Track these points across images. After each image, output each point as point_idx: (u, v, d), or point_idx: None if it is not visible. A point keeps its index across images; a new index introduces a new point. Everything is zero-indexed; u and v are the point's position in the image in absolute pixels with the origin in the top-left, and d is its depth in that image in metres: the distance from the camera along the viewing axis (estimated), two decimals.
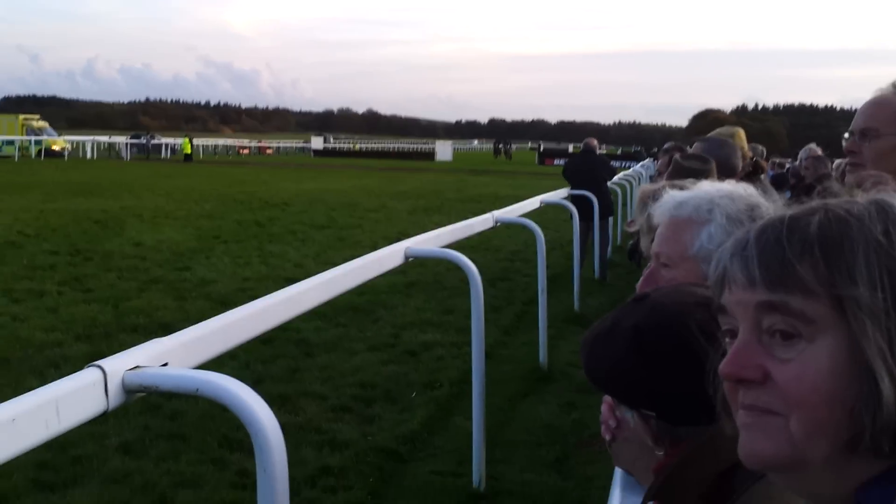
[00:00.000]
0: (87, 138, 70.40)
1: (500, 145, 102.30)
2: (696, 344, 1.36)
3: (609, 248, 13.87)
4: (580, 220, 10.40)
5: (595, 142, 14.41)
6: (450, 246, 5.91)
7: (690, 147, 6.08)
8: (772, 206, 1.93)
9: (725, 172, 4.29)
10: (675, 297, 1.54)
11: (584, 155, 13.81)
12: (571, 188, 12.52)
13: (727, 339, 1.02)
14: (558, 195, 11.42)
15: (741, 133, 5.55)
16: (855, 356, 0.90)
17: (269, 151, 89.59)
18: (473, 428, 5.20)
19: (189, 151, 63.74)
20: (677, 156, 4.55)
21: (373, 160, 72.25)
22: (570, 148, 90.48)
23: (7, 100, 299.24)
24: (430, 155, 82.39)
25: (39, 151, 58.16)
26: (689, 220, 2.06)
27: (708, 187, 2.11)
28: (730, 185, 2.10)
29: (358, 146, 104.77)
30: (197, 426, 6.09)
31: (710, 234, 2.01)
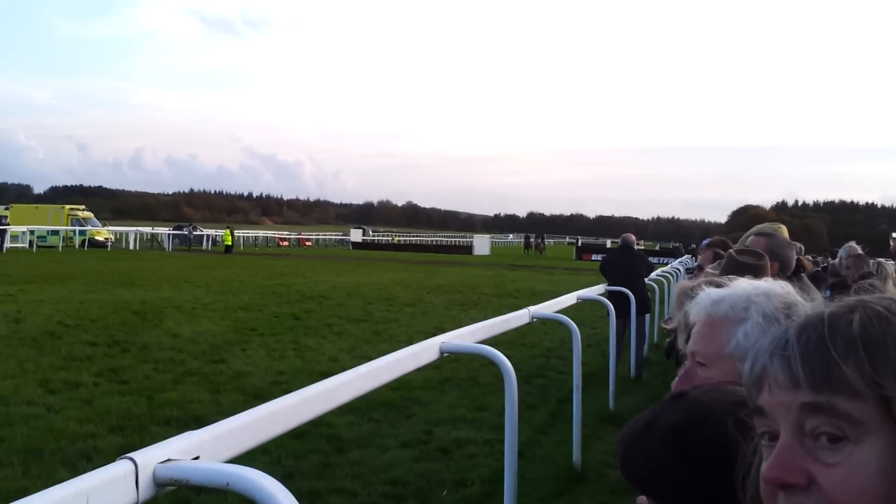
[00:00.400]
0: (131, 229, 71.44)
1: (532, 239, 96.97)
2: (734, 444, 1.34)
3: (646, 346, 13.76)
4: (617, 316, 10.34)
5: (633, 237, 14.41)
6: (485, 341, 5.88)
7: (733, 241, 6.07)
8: (809, 304, 1.92)
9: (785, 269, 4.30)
10: (714, 396, 1.52)
11: (622, 250, 13.82)
12: (608, 284, 12.48)
13: (764, 442, 1.00)
14: (595, 291, 11.38)
15: (784, 230, 5.53)
16: None
17: (308, 243, 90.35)
18: None
19: (230, 243, 64.45)
20: (731, 251, 4.54)
21: (411, 253, 72.48)
22: (608, 243, 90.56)
23: (54, 189, 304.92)
24: (468, 249, 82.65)
25: (83, 241, 59.08)
26: (726, 318, 2.03)
27: (745, 285, 2.09)
28: (766, 283, 2.09)
29: (396, 239, 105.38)
30: None
31: (747, 332, 1.99)
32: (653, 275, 15.83)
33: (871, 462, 0.88)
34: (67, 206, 67.97)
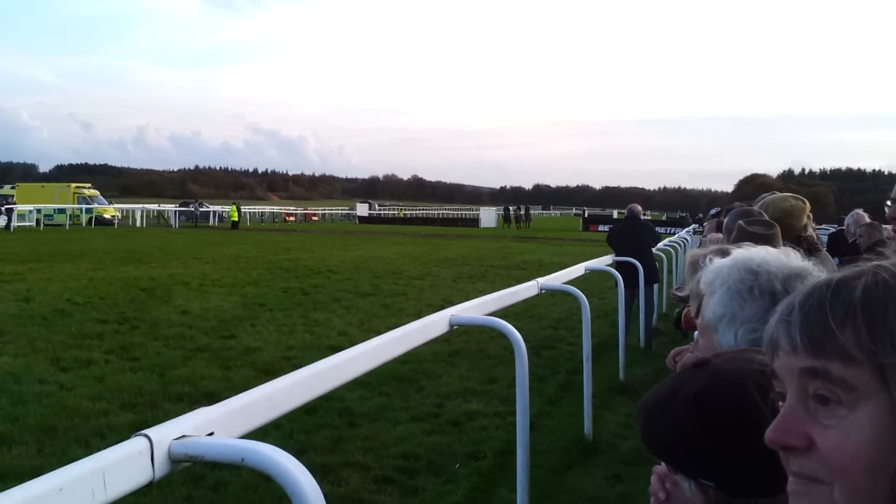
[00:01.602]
0: (137, 206, 71.54)
1: (513, 210, 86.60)
2: (757, 411, 1.33)
3: (654, 316, 13.75)
4: (625, 287, 10.32)
5: (639, 207, 14.36)
6: (494, 313, 5.88)
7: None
8: (815, 271, 1.95)
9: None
10: (736, 363, 1.52)
11: (629, 221, 13.77)
12: (616, 255, 12.45)
13: (780, 404, 1.00)
14: (603, 262, 11.36)
15: (806, 206, 5.44)
16: None
17: (314, 218, 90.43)
18: (518, 500, 5.13)
19: (236, 219, 64.50)
20: (741, 221, 4.52)
21: (417, 227, 72.48)
22: (615, 214, 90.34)
23: (60, 168, 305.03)
24: (474, 221, 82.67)
25: (90, 219, 59.20)
26: (704, 292, 2.13)
27: (732, 257, 2.13)
28: (765, 252, 2.10)
29: (403, 213, 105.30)
30: (240, 497, 6.07)
31: (713, 305, 2.09)
32: (660, 245, 15.81)
33: (864, 427, 0.89)
34: (73, 185, 68.07)
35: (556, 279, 8.34)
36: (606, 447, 7.57)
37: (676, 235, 22.97)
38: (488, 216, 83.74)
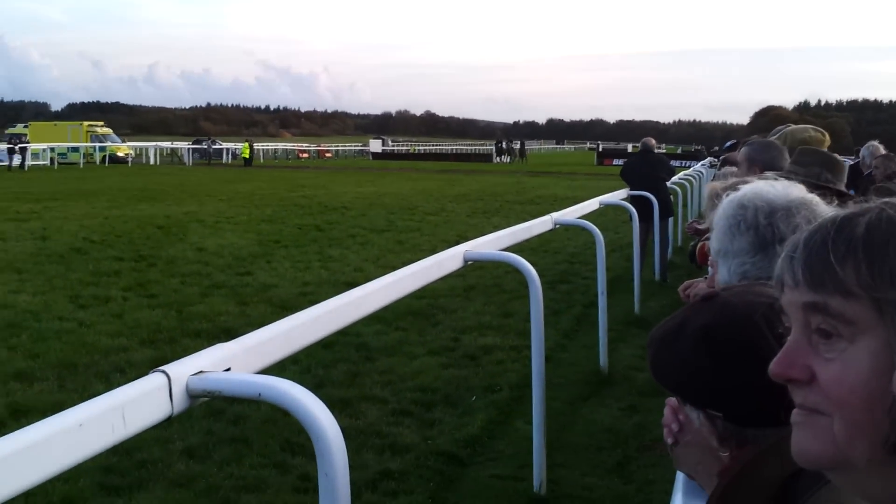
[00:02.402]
0: (150, 144, 71.41)
1: (505, 144, 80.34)
2: (764, 344, 1.35)
3: (669, 250, 13.75)
4: (640, 221, 10.30)
5: (653, 141, 14.29)
6: (509, 249, 5.89)
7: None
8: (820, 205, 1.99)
9: None
10: (745, 297, 1.53)
11: (643, 155, 13.70)
12: (630, 189, 12.42)
13: (788, 338, 1.02)
14: (617, 196, 11.34)
15: (826, 137, 5.41)
16: (895, 358, 0.89)
17: (328, 155, 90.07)
18: (534, 432, 5.19)
19: (248, 156, 64.32)
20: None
21: (431, 162, 72.24)
22: (629, 148, 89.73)
23: (71, 106, 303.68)
24: (488, 157, 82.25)
25: (104, 158, 59.16)
26: (711, 227, 2.22)
27: (739, 191, 2.16)
28: (766, 186, 2.13)
29: (416, 149, 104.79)
30: (259, 430, 6.15)
31: (712, 240, 2.18)
32: (675, 178, 15.74)
33: (862, 360, 0.91)
34: (86, 123, 67.86)
35: (571, 214, 8.34)
36: (621, 379, 7.63)
37: (692, 168, 22.83)
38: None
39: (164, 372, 2.18)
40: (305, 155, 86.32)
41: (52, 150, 55.20)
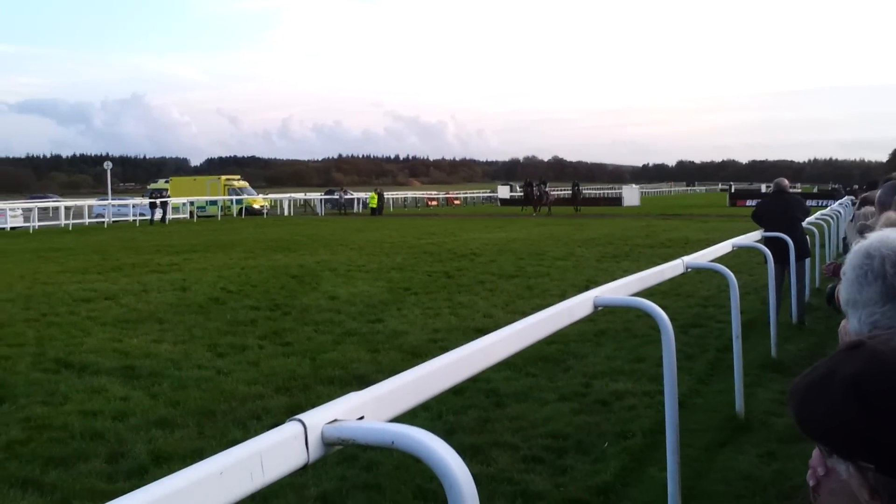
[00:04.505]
0: (284, 196, 73.28)
1: (535, 186, 61.91)
2: None
3: (807, 292, 13.37)
4: (775, 262, 10.05)
5: (786, 181, 13.94)
6: (639, 293, 5.83)
7: None
8: None
9: None
10: (892, 345, 1.48)
11: (776, 195, 13.38)
12: (764, 230, 12.14)
13: None
14: (751, 238, 11.09)
15: None
16: None
17: (456, 202, 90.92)
18: (668, 479, 5.08)
19: (374, 205, 65.31)
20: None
21: (560, 207, 72.09)
22: (763, 188, 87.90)
23: (210, 161, 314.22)
24: (617, 200, 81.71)
25: (240, 210, 60.98)
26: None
27: (866, 239, 2.13)
28: (887, 233, 2.09)
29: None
30: (392, 477, 6.20)
31: (841, 290, 2.13)
32: (811, 218, 15.33)
33: None
34: (224, 177, 70.37)
35: (703, 257, 8.19)
36: (759, 425, 7.42)
37: (829, 208, 22.21)
38: (631, 194, 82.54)
39: (300, 420, 2.22)
40: (434, 202, 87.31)
41: (192, 203, 57.28)
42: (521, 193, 69.14)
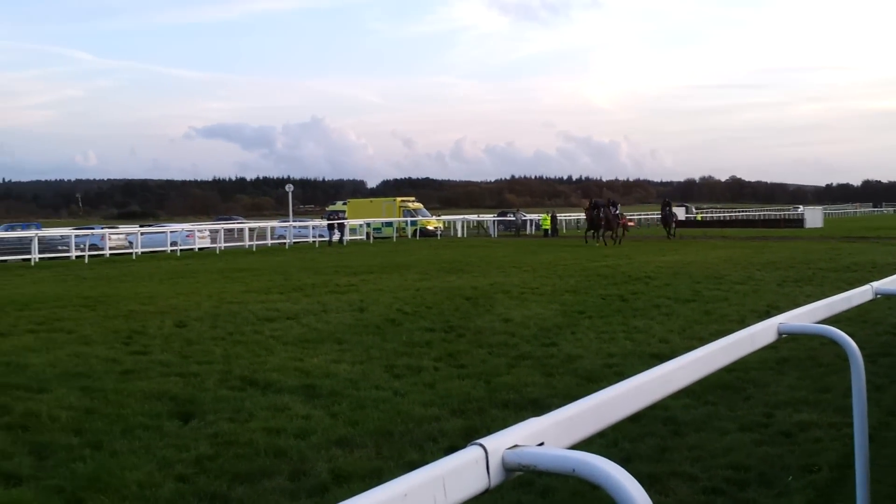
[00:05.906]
0: (458, 217, 74.17)
1: (599, 209, 49.43)
2: None
3: None
4: None
5: None
6: (825, 320, 5.61)
7: None
8: None
9: None
10: None
11: None
12: None
13: None
14: None
15: None
16: None
17: (630, 224, 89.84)
18: None
19: (547, 227, 65.21)
20: None
21: (738, 229, 70.22)
22: None
23: (385, 183, 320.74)
24: (798, 222, 79.06)
25: (415, 231, 62.07)
26: None
27: None
28: None
29: (700, 217, 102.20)
30: (568, 503, 6.15)
31: None
32: None
33: None
34: (399, 199, 71.83)
35: (894, 282, 7.83)
36: None
37: None
38: (813, 216, 79.73)
39: (481, 445, 2.24)
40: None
41: (368, 224, 58.72)
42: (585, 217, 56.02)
